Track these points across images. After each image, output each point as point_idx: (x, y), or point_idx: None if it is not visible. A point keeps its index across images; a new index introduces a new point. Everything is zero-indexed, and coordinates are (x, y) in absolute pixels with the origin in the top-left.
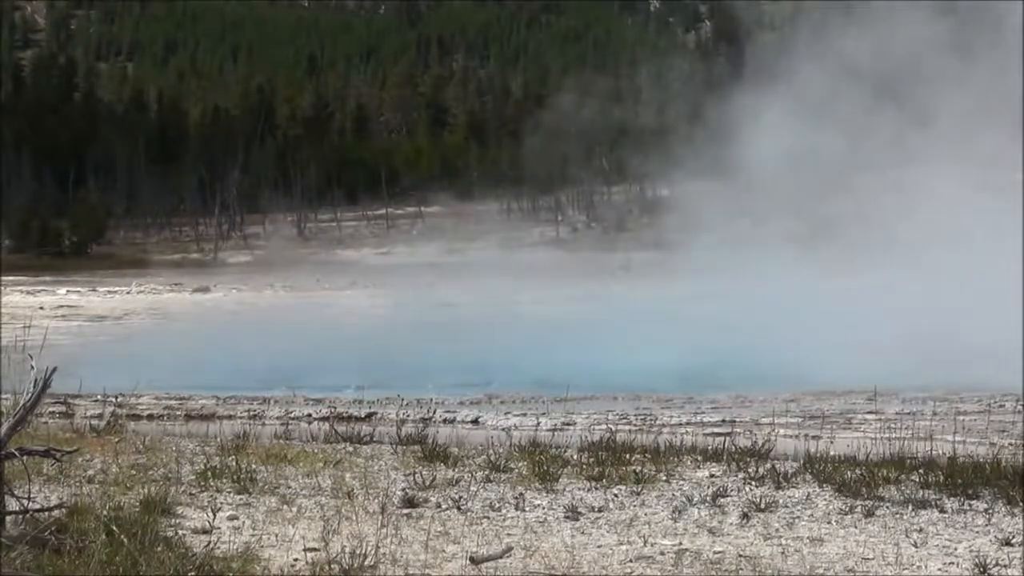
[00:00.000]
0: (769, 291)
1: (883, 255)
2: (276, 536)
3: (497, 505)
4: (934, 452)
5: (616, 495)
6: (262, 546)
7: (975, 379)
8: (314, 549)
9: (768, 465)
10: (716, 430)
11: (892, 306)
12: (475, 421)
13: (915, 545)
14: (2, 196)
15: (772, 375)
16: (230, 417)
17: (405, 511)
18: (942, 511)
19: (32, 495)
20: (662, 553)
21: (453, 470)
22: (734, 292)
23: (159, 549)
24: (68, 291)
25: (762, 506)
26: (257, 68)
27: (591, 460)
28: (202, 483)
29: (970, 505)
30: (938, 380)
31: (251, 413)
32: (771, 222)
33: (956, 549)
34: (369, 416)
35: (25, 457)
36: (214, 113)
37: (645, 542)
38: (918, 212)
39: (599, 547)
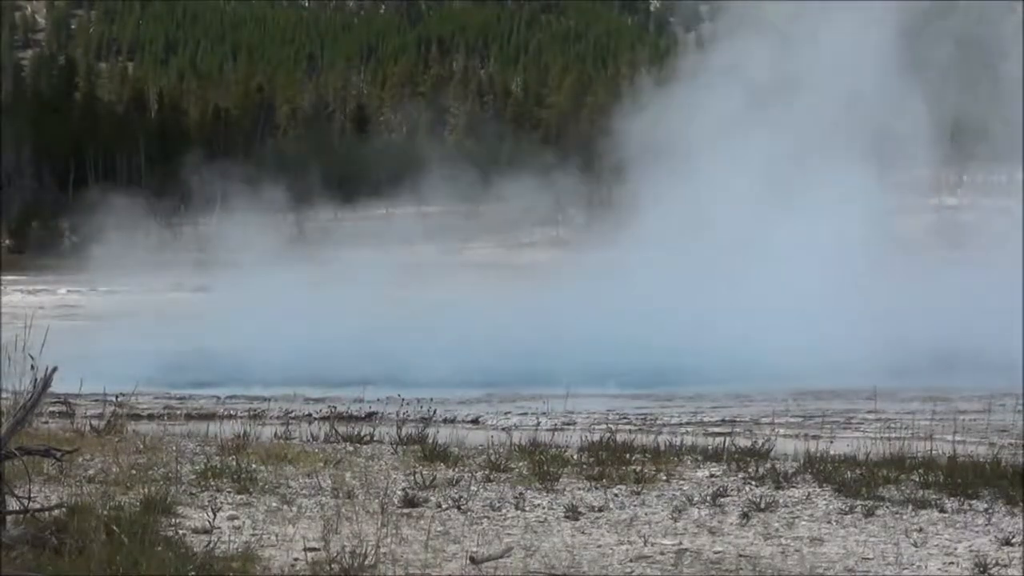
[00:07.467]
0: None
1: None
2: (276, 536)
3: (497, 505)
4: (934, 452)
5: (616, 495)
6: (262, 546)
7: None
8: (314, 549)
9: (768, 465)
10: (716, 430)
11: None
12: (475, 421)
13: (915, 545)
14: (2, 196)
15: None
16: (230, 417)
17: (405, 511)
18: (942, 511)
19: (32, 495)
20: (662, 553)
21: (453, 470)
22: None
23: (159, 549)
24: (68, 291)
25: (762, 506)
26: (257, 68)
27: (591, 460)
28: (202, 483)
29: (970, 505)
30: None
31: (251, 413)
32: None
33: (956, 549)
34: (369, 416)
35: (25, 457)
36: (214, 113)
37: (645, 542)
38: None
39: (599, 547)
